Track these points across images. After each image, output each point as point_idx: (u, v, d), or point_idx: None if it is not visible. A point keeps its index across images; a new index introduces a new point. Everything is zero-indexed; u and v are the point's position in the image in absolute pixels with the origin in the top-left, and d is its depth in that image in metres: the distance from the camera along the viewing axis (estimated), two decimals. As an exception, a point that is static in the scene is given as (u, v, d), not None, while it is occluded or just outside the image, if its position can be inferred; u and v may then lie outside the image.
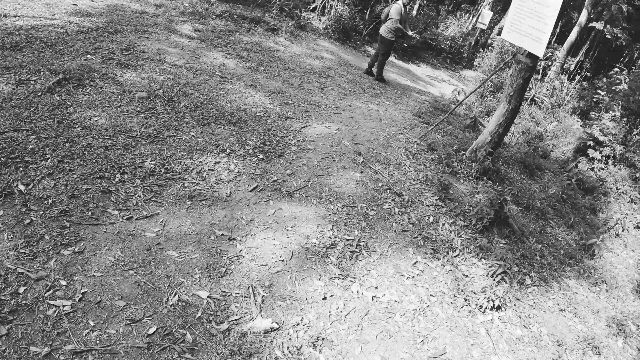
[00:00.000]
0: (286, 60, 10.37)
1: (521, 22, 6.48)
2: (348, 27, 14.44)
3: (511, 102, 6.82)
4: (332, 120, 7.67)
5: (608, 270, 7.19)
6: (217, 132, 6.31)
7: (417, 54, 17.61)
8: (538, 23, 6.19)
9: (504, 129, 7.01)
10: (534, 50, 6.32)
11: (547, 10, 6.06)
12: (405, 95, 11.46)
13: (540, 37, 6.13)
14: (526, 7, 6.34)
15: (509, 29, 6.79)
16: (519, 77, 6.68)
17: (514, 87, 6.73)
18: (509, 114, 6.88)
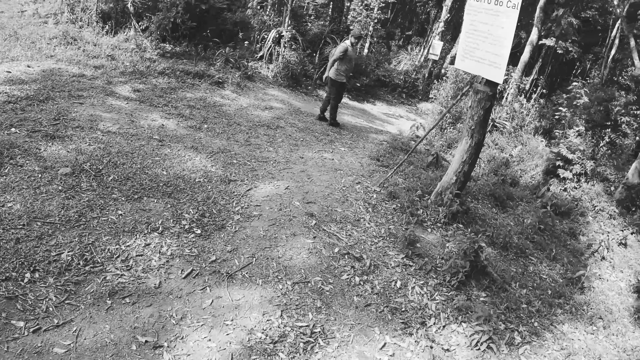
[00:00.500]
0: (232, 115, 9.73)
1: (475, 48, 5.97)
2: (297, 72, 13.96)
3: (474, 136, 6.24)
4: (282, 177, 6.97)
5: (601, 302, 6.58)
6: (149, 207, 5.56)
7: (371, 93, 17.22)
8: (493, 47, 5.68)
9: (469, 166, 6.41)
10: (493, 77, 5.79)
11: (501, 32, 5.55)
12: (362, 137, 10.89)
13: (497, 62, 5.61)
14: (478, 31, 5.84)
15: (462, 57, 6.27)
16: (479, 108, 6.13)
17: (475, 120, 6.17)
18: (472, 150, 6.29)
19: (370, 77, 17.32)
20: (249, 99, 11.35)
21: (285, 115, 10.79)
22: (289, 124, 10.10)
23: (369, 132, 11.77)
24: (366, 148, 9.90)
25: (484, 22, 5.77)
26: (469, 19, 6.09)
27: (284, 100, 12.17)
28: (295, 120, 10.62)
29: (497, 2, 5.55)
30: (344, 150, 9.19)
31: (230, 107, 10.21)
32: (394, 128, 13.42)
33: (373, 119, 13.78)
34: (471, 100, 6.25)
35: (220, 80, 11.71)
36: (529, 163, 11.58)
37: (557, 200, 9.33)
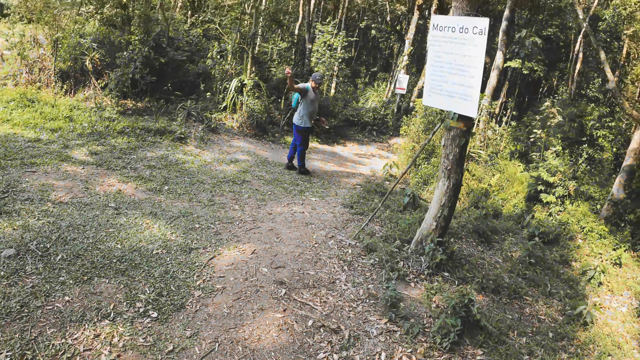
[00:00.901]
0: (195, 172, 9.20)
1: (442, 81, 5.56)
2: (262, 121, 13.56)
3: (451, 177, 5.78)
4: (248, 240, 6.41)
5: (607, 336, 6.11)
6: (100, 290, 4.94)
7: (341, 133, 16.88)
8: (463, 78, 5.27)
9: (449, 209, 5.93)
10: (466, 111, 5.37)
11: (470, 61, 5.16)
12: (334, 183, 10.43)
13: (469, 95, 5.20)
14: (444, 63, 5.44)
15: (429, 92, 5.86)
16: (454, 146, 5.69)
17: (451, 159, 5.73)
18: (451, 192, 5.82)
19: (338, 117, 17.02)
20: (213, 153, 10.86)
21: (252, 167, 10.30)
22: (255, 177, 9.60)
23: (340, 176, 11.32)
24: (338, 195, 9.43)
25: (449, 52, 5.38)
26: (434, 51, 5.71)
27: (250, 151, 11.71)
28: (263, 172, 10.13)
29: (462, 29, 5.18)
30: (315, 201, 8.69)
31: (193, 164, 9.69)
32: (367, 169, 13.02)
33: (344, 162, 13.37)
34: (444, 138, 5.82)
35: (182, 135, 11.22)
36: (510, 191, 11.22)
37: (544, 228, 8.92)
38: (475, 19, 5.01)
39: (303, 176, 10.40)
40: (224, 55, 15.15)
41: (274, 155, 11.96)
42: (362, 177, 11.51)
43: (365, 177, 11.67)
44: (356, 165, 13.26)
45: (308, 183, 9.96)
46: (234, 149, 11.62)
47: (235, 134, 13.06)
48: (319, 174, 11.10)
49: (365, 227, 7.14)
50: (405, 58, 21.23)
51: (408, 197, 8.80)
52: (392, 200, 9.60)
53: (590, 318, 6.10)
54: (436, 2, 21.67)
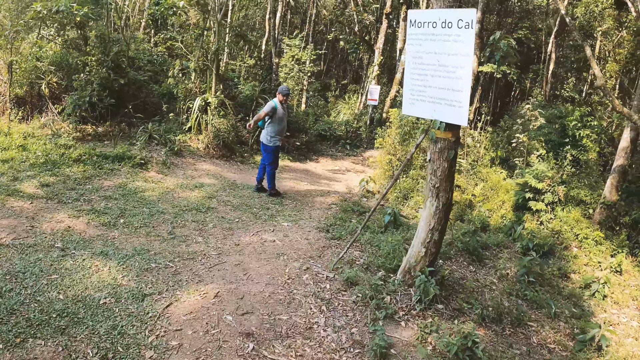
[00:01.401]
0: (155, 201, 8.35)
1: (425, 86, 4.86)
2: (229, 141, 12.76)
3: (440, 197, 5.06)
4: (212, 279, 5.59)
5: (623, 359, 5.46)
6: (35, 355, 4.10)
7: (314, 149, 16.18)
8: (449, 81, 4.57)
9: (439, 233, 5.21)
10: (455, 118, 4.66)
11: (457, 61, 4.46)
12: (307, 204, 9.67)
13: (458, 100, 4.49)
14: (426, 64, 4.73)
15: (410, 100, 5.13)
16: (442, 160, 4.98)
17: (439, 176, 5.01)
18: (441, 213, 5.10)
19: (310, 133, 16.32)
20: (177, 178, 10.03)
21: (218, 192, 9.49)
22: (222, 203, 8.79)
23: (314, 195, 10.57)
24: (313, 217, 8.67)
25: (432, 51, 4.68)
26: (413, 52, 4.99)
27: (217, 174, 10.89)
28: (230, 196, 9.32)
29: (445, 24, 4.45)
30: (288, 226, 7.91)
31: (153, 192, 8.84)
32: (342, 185, 12.31)
33: (318, 179, 12.63)
34: (429, 151, 5.10)
35: (142, 161, 10.36)
36: (495, 200, 10.60)
37: (538, 239, 8.28)
38: (460, 10, 4.30)
39: (274, 198, 9.63)
40: (186, 73, 14.35)
41: (242, 177, 11.17)
42: (337, 195, 10.79)
43: (340, 195, 10.94)
44: (330, 182, 12.53)
45: (279, 206, 9.19)
46: (199, 172, 10.79)
47: (200, 156, 12.24)
48: (292, 194, 10.34)
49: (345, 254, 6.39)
50: (375, 68, 20.69)
51: (389, 216, 8.11)
52: (371, 219, 8.89)
53: (606, 342, 5.44)
54: (404, 9, 21.24)
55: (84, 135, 11.72)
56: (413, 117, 11.44)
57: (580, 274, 8.00)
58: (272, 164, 9.62)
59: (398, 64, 21.36)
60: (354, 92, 26.33)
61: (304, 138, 15.39)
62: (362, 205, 9.90)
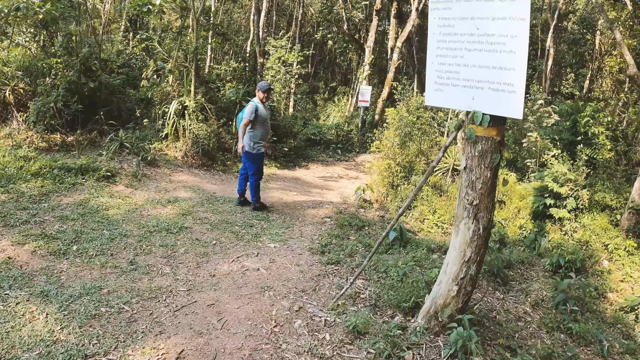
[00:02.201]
0: (119, 221, 7.12)
1: (459, 65, 3.65)
2: (209, 148, 11.53)
3: (480, 217, 3.82)
4: (176, 328, 4.36)
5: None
6: None
7: (303, 155, 14.99)
8: (495, 56, 3.36)
9: (478, 265, 3.94)
10: (504, 109, 3.44)
11: (507, 27, 3.23)
12: (298, 219, 8.46)
13: (508, 81, 3.29)
14: (460, 34, 3.48)
15: (436, 87, 3.83)
16: (484, 167, 3.73)
17: (479, 189, 3.76)
18: (480, 240, 3.84)
19: (298, 138, 15.14)
20: (148, 192, 8.79)
21: (195, 207, 8.26)
22: (198, 221, 7.56)
23: (305, 207, 9.37)
24: (304, 235, 7.47)
25: (467, 16, 3.48)
26: (439, 20, 3.70)
27: (195, 186, 9.65)
28: (208, 212, 8.09)
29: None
30: (275, 248, 6.69)
31: (118, 210, 7.60)
32: (336, 194, 11.12)
33: (309, 188, 11.42)
34: (465, 156, 3.86)
35: (109, 173, 9.12)
36: (510, 208, 9.45)
37: (570, 255, 7.11)
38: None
39: (259, 213, 8.41)
40: (162, 75, 13.12)
41: (224, 189, 9.94)
42: (331, 207, 9.60)
43: (334, 205, 9.76)
44: (323, 191, 11.34)
45: (265, 222, 7.97)
46: (174, 184, 9.56)
47: (178, 165, 11.00)
48: (279, 207, 9.13)
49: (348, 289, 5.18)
50: (366, 68, 19.59)
51: (394, 232, 6.93)
52: (372, 234, 7.73)
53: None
54: (395, 6, 20.17)
55: (50, 145, 10.51)
56: (412, 116, 10.29)
57: (619, 293, 6.89)
58: (256, 173, 8.42)
59: (390, 63, 20.28)
60: (344, 94, 25.20)
61: (292, 143, 14.21)
62: (360, 217, 8.72)
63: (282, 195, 10.18)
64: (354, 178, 13.58)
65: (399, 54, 19.55)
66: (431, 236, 8.43)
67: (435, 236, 8.42)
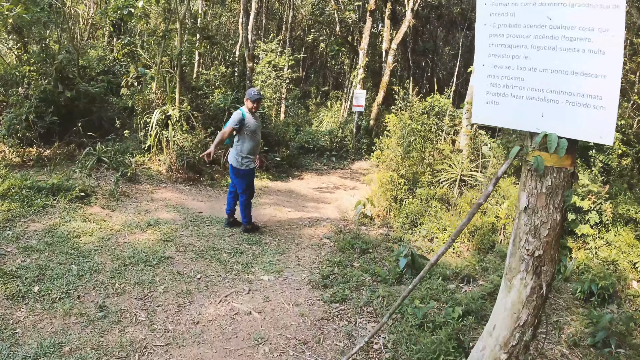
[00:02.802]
0: (91, 252, 6.22)
1: (522, 69, 2.73)
2: (195, 160, 10.62)
3: (543, 272, 2.86)
4: (148, 404, 3.51)
5: None
6: None
7: (296, 164, 14.13)
8: (577, 57, 2.50)
9: (534, 329, 2.98)
10: (590, 131, 2.57)
11: (594, 18, 2.33)
12: (294, 241, 7.59)
13: (595, 93, 2.44)
14: (524, 26, 2.53)
15: (489, 99, 2.91)
16: (552, 208, 2.84)
17: (545, 237, 2.88)
18: (540, 299, 2.93)
19: (291, 146, 14.29)
20: (126, 213, 7.89)
21: (178, 231, 7.36)
22: (181, 248, 6.66)
23: (301, 226, 8.50)
24: (302, 262, 6.60)
25: (534, 1, 2.60)
26: (493, 7, 2.82)
27: (179, 205, 8.76)
28: (193, 236, 7.20)
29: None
30: (269, 281, 5.80)
31: (91, 237, 6.70)
32: (333, 208, 10.26)
33: (304, 202, 10.54)
34: (526, 193, 2.91)
35: (84, 192, 8.20)
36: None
37: (602, 281, 6.26)
38: None
39: (250, 235, 7.53)
40: (144, 82, 12.22)
41: (211, 207, 9.04)
42: (329, 224, 8.75)
43: (333, 222, 8.91)
44: (319, 205, 10.47)
45: (257, 246, 7.09)
46: (156, 203, 8.65)
47: (161, 181, 10.09)
48: (272, 227, 8.26)
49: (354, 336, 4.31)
50: (360, 71, 18.75)
51: (405, 258, 6.08)
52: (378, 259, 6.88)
53: None
54: (389, 7, 19.39)
55: (25, 161, 9.62)
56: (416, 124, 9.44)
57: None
58: (246, 191, 7.54)
59: (384, 65, 19.48)
60: (337, 98, 24.36)
61: (284, 152, 13.34)
62: (362, 237, 7.87)
63: (276, 211, 9.30)
64: (350, 188, 12.76)
65: (394, 56, 18.75)
66: (443, 258, 7.60)
67: (448, 258, 7.60)
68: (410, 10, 18.13)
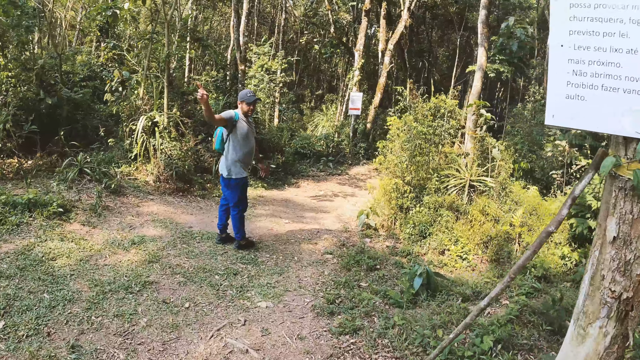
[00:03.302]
0: (67, 277, 5.51)
1: (622, 50, 1.99)
2: (185, 170, 9.91)
3: (630, 319, 2.13)
4: None
5: None
6: None
7: (292, 171, 13.45)
8: None
9: None
10: None
11: None
12: (293, 258, 6.89)
13: None
14: (615, 7, 1.95)
15: (573, 90, 2.14)
16: None
17: (637, 275, 2.17)
18: (621, 350, 2.19)
19: (286, 152, 13.62)
20: (109, 230, 7.18)
21: (165, 249, 6.66)
22: (168, 271, 5.96)
23: (300, 240, 7.82)
24: (303, 283, 5.91)
25: None
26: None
27: (167, 219, 8.05)
28: (182, 255, 6.49)
29: None
30: (267, 310, 5.09)
31: (69, 259, 5.99)
32: (333, 218, 9.59)
33: (302, 212, 9.85)
34: (616, 218, 2.22)
35: (63, 207, 7.49)
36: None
37: None
38: None
39: (245, 253, 6.82)
40: (128, 87, 11.52)
41: (202, 220, 8.35)
42: (330, 236, 8.08)
43: (334, 235, 8.24)
44: (318, 214, 9.79)
45: (253, 265, 6.39)
46: (142, 218, 7.95)
47: (148, 192, 9.39)
48: (269, 241, 7.58)
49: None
50: (356, 73, 18.12)
51: (420, 278, 5.42)
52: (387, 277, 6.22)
53: None
54: (384, 6, 18.79)
55: (4, 173, 8.92)
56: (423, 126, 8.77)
57: None
58: (239, 204, 6.83)
59: (380, 67, 18.87)
60: (332, 101, 23.72)
61: (279, 159, 12.66)
62: (367, 252, 7.19)
63: (272, 224, 8.62)
64: (349, 195, 12.11)
65: (390, 57, 18.13)
66: (457, 273, 6.94)
67: (462, 272, 6.94)
68: (407, 9, 17.54)
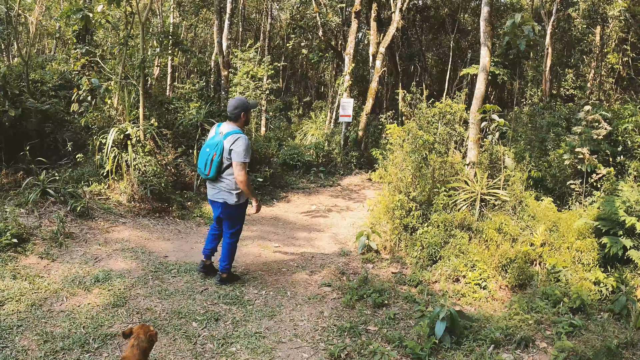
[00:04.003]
0: (13, 329, 4.47)
1: None
2: (161, 188, 8.85)
3: None
4: None
5: None
6: None
7: (280, 184, 12.45)
8: None
9: None
10: None
11: None
12: (286, 294, 5.85)
13: None
14: None
15: None
16: None
17: None
18: None
19: (274, 163, 12.65)
20: (70, 264, 6.12)
21: (135, 287, 5.61)
22: (136, 317, 4.89)
23: (294, 269, 6.80)
24: (300, 331, 4.89)
25: None
26: None
27: (139, 247, 6.99)
28: (154, 295, 5.44)
29: None
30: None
31: (20, 303, 4.96)
32: (329, 238, 8.60)
33: (294, 233, 8.82)
34: None
35: (19, 237, 6.42)
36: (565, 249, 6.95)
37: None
38: None
39: (229, 288, 5.79)
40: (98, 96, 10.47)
41: (180, 247, 7.30)
42: (327, 262, 7.09)
43: (331, 260, 7.25)
44: (311, 235, 8.78)
45: (238, 306, 5.35)
46: (110, 247, 6.88)
47: (120, 214, 8.32)
48: (257, 271, 6.55)
49: None
50: (347, 78, 17.19)
51: (443, 323, 4.43)
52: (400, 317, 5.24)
53: None
54: (375, 7, 17.92)
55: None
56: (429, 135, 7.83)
57: None
58: (237, 233, 5.88)
59: (372, 71, 17.98)
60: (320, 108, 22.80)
61: (267, 171, 11.65)
62: (372, 281, 6.21)
63: (260, 249, 7.60)
64: (344, 209, 11.15)
65: (382, 60, 17.23)
66: (477, 305, 5.97)
67: (483, 305, 5.97)
68: (399, 11, 16.67)
